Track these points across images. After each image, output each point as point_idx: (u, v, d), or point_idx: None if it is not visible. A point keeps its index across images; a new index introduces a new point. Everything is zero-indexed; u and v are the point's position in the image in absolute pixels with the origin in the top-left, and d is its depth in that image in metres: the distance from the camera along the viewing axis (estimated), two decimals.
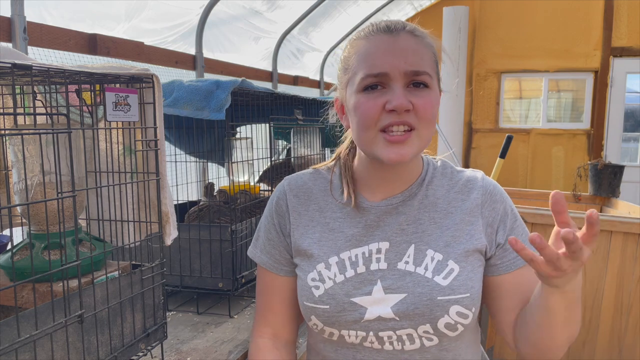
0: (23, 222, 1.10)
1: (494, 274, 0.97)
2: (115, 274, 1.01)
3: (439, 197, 0.97)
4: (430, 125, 0.89)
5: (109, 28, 2.34)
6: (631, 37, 5.52)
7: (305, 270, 0.97)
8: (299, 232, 0.99)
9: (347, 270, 0.93)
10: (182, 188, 1.83)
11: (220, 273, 1.51)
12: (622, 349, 2.44)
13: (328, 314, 0.92)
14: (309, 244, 0.97)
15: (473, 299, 0.91)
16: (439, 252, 0.92)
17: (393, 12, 5.43)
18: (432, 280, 0.90)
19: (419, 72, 0.87)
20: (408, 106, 0.85)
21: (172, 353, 1.27)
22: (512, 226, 0.97)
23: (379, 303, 0.90)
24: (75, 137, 0.97)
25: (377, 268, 0.93)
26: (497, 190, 0.98)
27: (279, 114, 2.10)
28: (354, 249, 0.95)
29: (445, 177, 1.00)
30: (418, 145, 0.88)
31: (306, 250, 0.97)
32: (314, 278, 0.95)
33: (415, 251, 0.92)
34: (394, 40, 0.88)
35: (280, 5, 3.61)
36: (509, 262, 0.96)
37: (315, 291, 0.94)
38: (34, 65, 0.78)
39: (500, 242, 0.96)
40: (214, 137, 2.07)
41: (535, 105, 6.07)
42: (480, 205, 0.96)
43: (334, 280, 0.93)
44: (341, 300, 0.92)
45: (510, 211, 0.98)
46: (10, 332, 0.76)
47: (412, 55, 0.87)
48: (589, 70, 5.69)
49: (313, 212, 1.00)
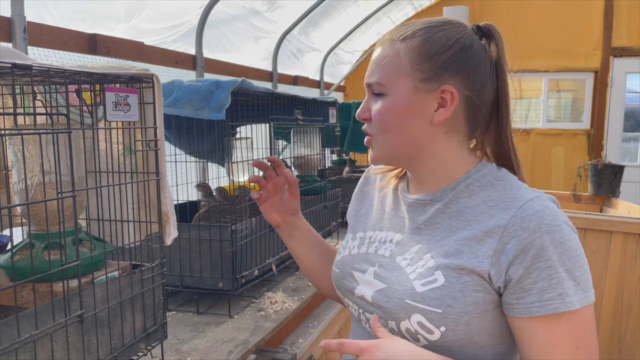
0: (23, 222, 1.10)
1: (509, 313, 0.84)
2: (115, 274, 1.01)
3: (469, 206, 0.90)
4: (388, 132, 0.92)
5: (109, 28, 2.34)
6: (631, 37, 5.52)
7: (345, 236, 1.10)
8: (353, 203, 1.14)
9: (362, 246, 1.01)
10: (182, 188, 1.83)
11: (220, 273, 1.51)
12: (622, 349, 2.44)
13: (335, 276, 1.03)
14: (352, 214, 1.12)
15: (445, 318, 0.83)
16: (434, 259, 0.89)
17: (393, 12, 5.43)
18: (411, 282, 0.88)
19: (370, 84, 0.93)
20: (362, 116, 0.95)
21: (172, 353, 1.27)
22: (533, 265, 0.80)
23: (366, 284, 0.95)
24: (75, 137, 0.97)
25: (382, 254, 0.96)
26: (535, 218, 0.82)
27: (279, 114, 2.10)
28: (378, 231, 1.01)
29: (490, 188, 0.90)
30: (381, 150, 0.94)
31: (349, 219, 1.12)
32: (343, 245, 1.07)
33: (418, 252, 0.92)
34: (374, 52, 0.96)
35: (280, 5, 3.61)
36: (523, 305, 0.82)
37: (337, 256, 1.06)
38: (34, 65, 0.78)
39: (513, 277, 0.81)
40: (214, 137, 2.07)
41: (535, 105, 6.07)
42: (502, 227, 0.83)
43: (350, 251, 1.03)
44: (345, 269, 1.00)
45: (542, 246, 0.80)
46: (10, 332, 0.77)
47: (374, 67, 0.93)
48: (589, 70, 5.69)
49: (371, 191, 1.11)
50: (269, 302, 1.62)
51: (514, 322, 0.84)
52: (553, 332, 0.81)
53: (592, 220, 2.37)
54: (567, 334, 0.80)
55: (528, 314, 0.81)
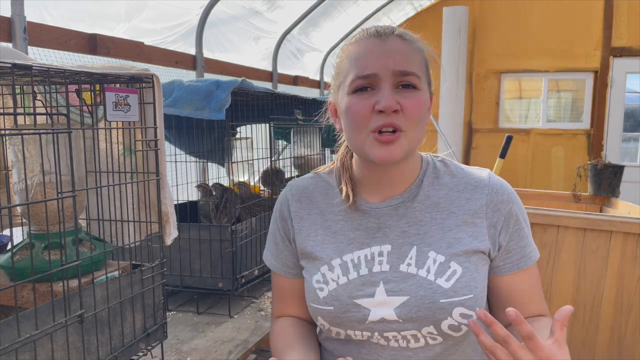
0: (23, 222, 1.10)
1: (496, 274, 0.97)
2: (115, 274, 1.01)
3: (441, 196, 0.96)
4: (418, 127, 0.89)
5: (109, 28, 2.34)
6: (631, 37, 5.52)
7: (310, 273, 0.98)
8: (302, 236, 1.01)
9: (349, 273, 0.94)
10: (182, 188, 1.83)
11: (220, 273, 1.51)
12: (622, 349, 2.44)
13: (333, 314, 0.94)
14: (312, 246, 0.99)
15: (476, 300, 0.90)
16: (441, 253, 0.91)
17: (393, 12, 5.43)
18: (435, 282, 0.90)
19: (407, 73, 0.87)
20: (396, 107, 0.86)
21: (172, 353, 1.27)
22: (515, 229, 0.95)
23: (381, 305, 0.91)
24: (75, 137, 0.97)
25: (379, 270, 0.93)
26: (503, 190, 0.96)
27: (279, 114, 2.10)
28: (356, 251, 0.95)
29: (448, 176, 0.98)
30: (407, 146, 0.89)
31: (310, 253, 0.99)
32: (318, 280, 0.96)
33: (418, 253, 0.92)
34: (383, 43, 0.90)
35: (280, 5, 3.61)
36: (511, 263, 0.96)
37: (319, 293, 0.95)
38: (34, 65, 0.78)
39: (502, 244, 0.94)
40: (214, 137, 2.07)
41: (535, 105, 6.07)
42: (485, 206, 0.94)
43: (337, 282, 0.94)
44: (344, 301, 0.93)
45: (515, 213, 0.96)
46: (10, 332, 0.77)
47: (401, 57, 0.88)
48: (589, 70, 5.69)
49: (315, 216, 1.01)
50: (269, 302, 1.62)
51: (499, 280, 0.97)
52: (532, 278, 0.98)
53: (592, 220, 2.37)
54: (537, 276, 0.99)
55: (516, 269, 0.96)
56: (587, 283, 2.38)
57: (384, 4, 4.91)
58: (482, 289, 0.92)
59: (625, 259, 2.35)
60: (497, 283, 0.97)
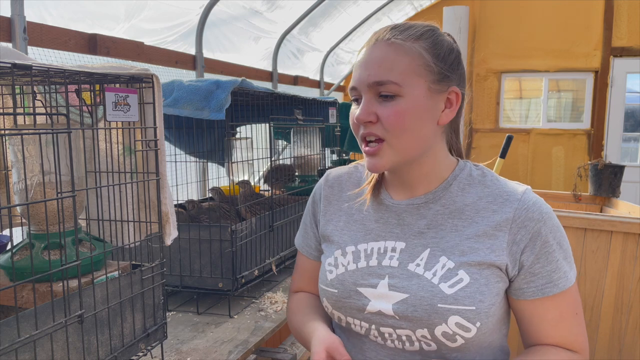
0: (23, 222, 1.10)
1: (519, 297, 0.92)
2: (115, 274, 1.01)
3: (467, 203, 0.94)
4: (404, 135, 0.88)
5: (109, 28, 2.34)
6: (631, 37, 5.52)
7: (326, 255, 1.03)
8: (326, 219, 1.06)
9: (360, 261, 0.97)
10: (182, 188, 1.83)
11: (220, 273, 1.51)
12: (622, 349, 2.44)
13: (336, 297, 0.97)
14: (332, 230, 1.04)
15: (479, 314, 0.87)
16: (452, 260, 0.90)
17: (393, 12, 5.43)
18: (437, 286, 0.89)
19: (382, 82, 0.87)
20: (367, 118, 0.88)
21: (172, 353, 1.27)
22: (542, 251, 0.89)
23: (381, 298, 0.92)
24: (75, 137, 0.97)
25: (388, 264, 0.94)
26: (535, 208, 0.91)
27: (279, 114, 2.10)
28: (371, 242, 0.98)
29: (480, 185, 0.95)
30: (394, 155, 0.90)
31: (329, 236, 1.04)
32: (330, 263, 1.00)
33: (429, 256, 0.92)
34: (369, 52, 0.90)
35: (280, 5, 3.61)
36: (535, 288, 0.90)
37: (328, 275, 0.99)
38: (34, 65, 0.78)
39: (525, 264, 0.90)
40: (214, 137, 2.07)
41: (535, 105, 6.07)
42: (510, 220, 0.90)
43: (346, 268, 0.97)
44: (348, 287, 0.95)
45: (544, 234, 0.90)
46: (10, 332, 0.76)
47: (379, 66, 0.88)
48: (589, 70, 5.69)
49: (342, 203, 1.05)
50: (269, 302, 1.62)
51: (523, 305, 0.92)
52: (560, 307, 0.91)
53: (592, 220, 2.37)
54: (569, 305, 0.92)
55: (540, 295, 0.90)
56: (587, 283, 2.37)
57: (384, 4, 4.91)
58: (490, 304, 0.88)
59: (625, 259, 2.35)
60: (520, 306, 0.93)
